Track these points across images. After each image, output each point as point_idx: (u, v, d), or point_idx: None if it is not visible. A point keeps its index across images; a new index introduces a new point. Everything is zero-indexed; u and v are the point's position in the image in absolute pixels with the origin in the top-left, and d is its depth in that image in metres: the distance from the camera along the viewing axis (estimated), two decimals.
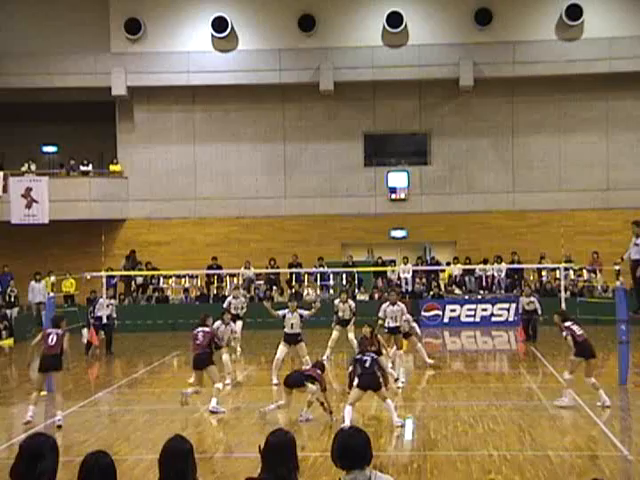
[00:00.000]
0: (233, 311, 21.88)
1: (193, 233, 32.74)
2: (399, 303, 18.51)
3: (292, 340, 17.18)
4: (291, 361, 19.49)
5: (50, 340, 14.59)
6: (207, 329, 15.48)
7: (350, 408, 13.20)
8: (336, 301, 21.11)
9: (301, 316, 17.08)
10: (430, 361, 19.42)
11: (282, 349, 17.21)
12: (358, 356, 13.76)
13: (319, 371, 14.11)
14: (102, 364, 22.34)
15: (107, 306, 23.45)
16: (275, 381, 17.08)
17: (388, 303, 18.46)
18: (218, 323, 17.54)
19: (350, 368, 13.98)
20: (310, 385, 13.87)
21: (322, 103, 32.52)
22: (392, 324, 18.15)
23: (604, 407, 14.33)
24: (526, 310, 24.34)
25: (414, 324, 19.51)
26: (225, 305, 22.53)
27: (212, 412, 14.82)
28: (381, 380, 13.53)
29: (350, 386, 13.73)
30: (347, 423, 12.74)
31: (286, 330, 17.15)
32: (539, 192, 32.08)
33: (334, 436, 5.10)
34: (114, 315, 23.96)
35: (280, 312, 17.29)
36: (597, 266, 29.37)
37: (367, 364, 13.31)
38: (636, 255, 15.45)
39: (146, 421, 14.26)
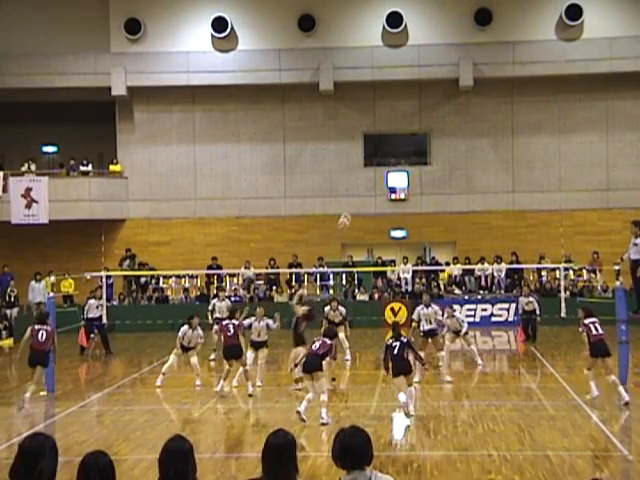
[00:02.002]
0: (218, 314, 21.41)
1: (193, 233, 32.74)
2: (433, 305, 18.31)
3: (259, 346, 17.44)
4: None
5: (40, 336, 15.31)
6: (236, 322, 16.82)
7: (402, 394, 13.88)
8: (326, 309, 20.80)
9: (267, 325, 17.34)
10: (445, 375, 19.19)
11: (250, 355, 17.32)
12: (389, 342, 14.23)
13: (329, 341, 14.18)
14: (102, 364, 22.32)
15: (97, 307, 23.36)
16: (259, 384, 17.17)
17: (422, 306, 18.19)
18: (185, 328, 17.78)
19: (382, 355, 14.42)
20: (324, 378, 13.93)
21: (322, 103, 32.53)
22: (427, 327, 17.83)
23: (624, 404, 14.35)
24: (525, 310, 24.31)
25: (465, 324, 19.67)
26: (210, 307, 22.05)
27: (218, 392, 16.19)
28: (412, 363, 14.19)
29: (387, 371, 14.22)
30: (410, 407, 13.90)
31: (253, 337, 17.44)
32: (539, 192, 32.08)
33: (335, 435, 5.10)
34: (105, 316, 23.75)
35: (246, 322, 17.52)
36: (597, 266, 29.36)
37: (395, 351, 13.93)
38: (636, 255, 15.45)
39: (146, 421, 14.25)
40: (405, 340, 14.19)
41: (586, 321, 15.12)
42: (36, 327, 15.49)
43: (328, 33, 31.89)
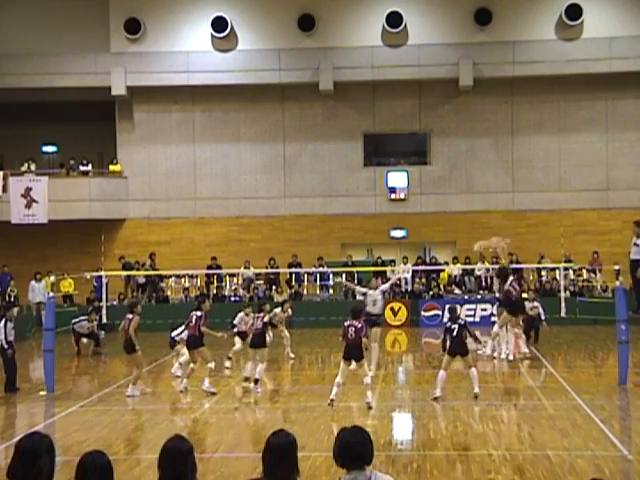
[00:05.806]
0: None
1: (193, 233, 32.73)
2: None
3: (375, 322, 17.75)
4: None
5: (123, 325, 16.43)
6: (199, 313, 16.73)
7: (443, 373, 15.17)
8: (277, 310, 19.93)
9: (383, 292, 17.93)
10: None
11: (374, 331, 17.85)
12: (448, 324, 15.47)
13: (359, 324, 14.51)
14: (102, 364, 22.31)
15: (87, 328, 23.34)
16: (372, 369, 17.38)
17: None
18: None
19: (442, 336, 15.70)
20: (365, 364, 14.60)
21: (322, 103, 32.52)
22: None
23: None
24: (529, 315, 24.14)
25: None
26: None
27: (204, 390, 16.19)
28: (469, 346, 15.34)
29: (444, 350, 15.47)
30: (438, 388, 15.11)
31: (368, 309, 17.58)
32: (539, 192, 32.08)
33: (336, 434, 5.12)
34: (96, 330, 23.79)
35: (361, 290, 18.75)
36: (597, 266, 29.35)
37: (455, 332, 15.14)
38: (636, 255, 15.44)
39: (146, 421, 14.25)
40: (463, 322, 15.32)
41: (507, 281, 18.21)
42: (127, 316, 16.43)
43: (328, 33, 31.88)
